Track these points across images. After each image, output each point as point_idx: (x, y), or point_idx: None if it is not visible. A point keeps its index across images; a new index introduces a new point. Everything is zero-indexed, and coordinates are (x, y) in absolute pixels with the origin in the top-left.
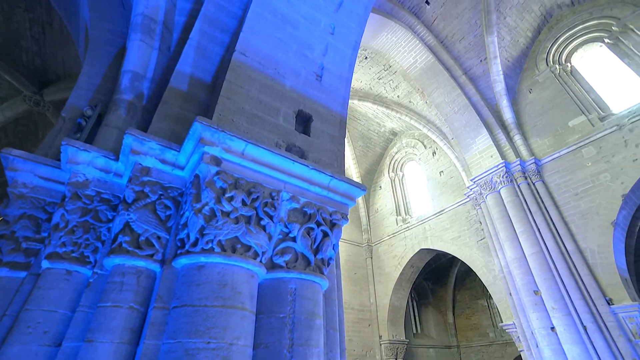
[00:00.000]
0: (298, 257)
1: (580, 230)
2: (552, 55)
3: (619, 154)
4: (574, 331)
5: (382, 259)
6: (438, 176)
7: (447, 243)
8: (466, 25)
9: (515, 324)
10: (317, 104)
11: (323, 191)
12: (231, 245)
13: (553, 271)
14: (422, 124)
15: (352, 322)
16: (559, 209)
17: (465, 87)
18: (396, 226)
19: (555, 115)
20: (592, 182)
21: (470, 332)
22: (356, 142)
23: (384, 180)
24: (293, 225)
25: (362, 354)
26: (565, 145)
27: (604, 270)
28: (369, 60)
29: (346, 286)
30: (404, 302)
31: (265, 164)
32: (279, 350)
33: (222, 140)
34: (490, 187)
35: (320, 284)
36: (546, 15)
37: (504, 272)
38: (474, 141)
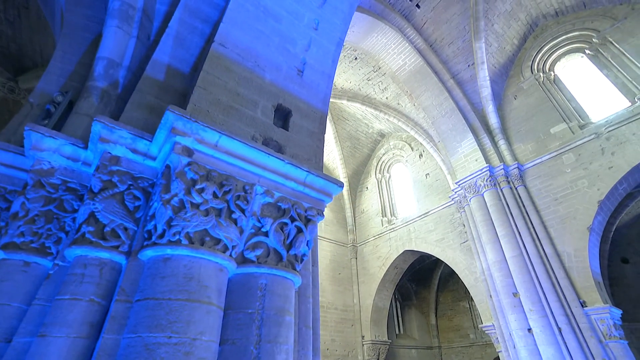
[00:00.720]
0: (270, 252)
1: (559, 235)
2: (537, 63)
3: (596, 162)
4: (549, 332)
5: (367, 260)
6: (424, 178)
7: (431, 245)
8: (455, 30)
9: (495, 326)
10: (297, 99)
11: (299, 186)
12: (200, 238)
13: (532, 274)
14: (409, 126)
15: (335, 322)
16: (539, 213)
17: (453, 91)
18: (381, 227)
19: (538, 121)
20: (571, 188)
21: (452, 333)
22: (344, 143)
23: (371, 182)
24: (266, 219)
25: (344, 354)
26: (547, 151)
27: (579, 273)
28: (359, 61)
29: (330, 286)
30: (387, 302)
31: (240, 157)
32: (246, 346)
33: (195, 131)
34: (474, 191)
35: (293, 280)
36: (532, 24)
37: (485, 274)
38: (460, 145)
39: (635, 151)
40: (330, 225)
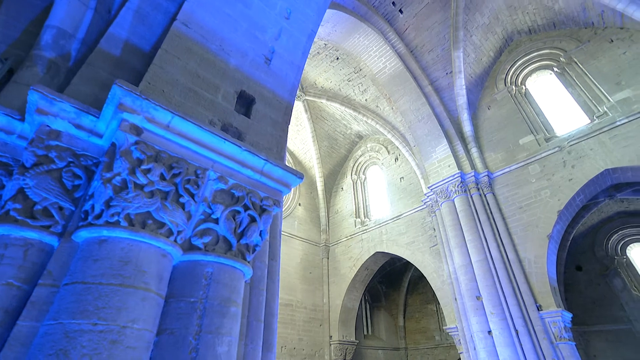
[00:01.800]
0: (219, 240)
1: (522, 241)
2: (510, 76)
3: (558, 173)
4: (507, 335)
5: (339, 260)
6: (398, 182)
7: (401, 247)
8: (436, 38)
9: (458, 328)
10: (262, 87)
11: (255, 175)
12: (141, 221)
13: (495, 278)
14: (387, 129)
15: (304, 321)
16: (505, 220)
17: (430, 97)
18: (354, 228)
19: (509, 132)
20: (535, 197)
21: (418, 335)
22: (322, 142)
23: (346, 182)
24: (217, 206)
25: (311, 353)
26: (515, 161)
27: (537, 278)
28: (340, 62)
29: (300, 285)
30: (356, 303)
31: (193, 140)
32: (185, 336)
33: (145, 109)
34: (445, 196)
35: (242, 270)
36: (507, 38)
37: (452, 277)
38: (434, 150)
39: (592, 165)
40: (304, 224)
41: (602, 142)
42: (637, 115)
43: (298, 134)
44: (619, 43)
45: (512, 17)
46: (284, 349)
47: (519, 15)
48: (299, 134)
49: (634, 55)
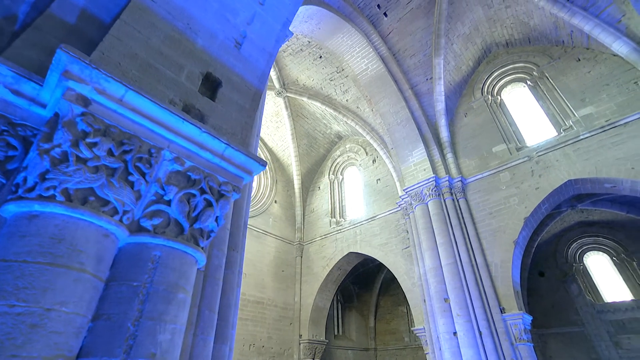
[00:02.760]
0: (170, 222)
1: (490, 246)
2: (487, 86)
3: (526, 182)
4: (471, 336)
5: (312, 259)
6: (375, 183)
7: (374, 248)
8: (418, 44)
9: (425, 329)
10: (230, 71)
11: (215, 158)
12: (82, 197)
13: (463, 281)
14: (366, 130)
15: (274, 319)
16: (475, 225)
17: (410, 101)
18: (329, 228)
19: (483, 140)
20: (504, 204)
21: (388, 336)
22: (301, 140)
23: (324, 182)
24: (171, 187)
25: (280, 352)
26: (488, 168)
27: (502, 282)
28: (323, 60)
29: (272, 283)
30: (328, 303)
31: (149, 117)
32: (122, 322)
33: (95, 79)
34: (419, 199)
35: (194, 256)
36: (486, 50)
37: (422, 279)
38: (411, 154)
39: (557, 176)
40: (279, 222)
41: (566, 154)
42: (598, 130)
43: (277, 130)
44: (584, 62)
45: (492, 29)
46: (253, 347)
47: (497, 28)
48: (278, 131)
49: (597, 75)
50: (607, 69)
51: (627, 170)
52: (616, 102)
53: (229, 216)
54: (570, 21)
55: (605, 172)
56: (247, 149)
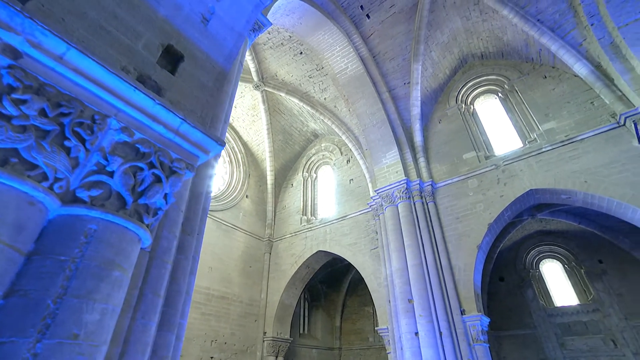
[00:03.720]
0: (112, 195)
1: (455, 250)
2: (461, 95)
3: (492, 189)
4: (432, 336)
5: (281, 256)
6: (348, 183)
7: (343, 248)
8: (398, 48)
9: (388, 329)
10: (194, 46)
11: (169, 133)
12: (2, 158)
13: (427, 283)
14: (342, 130)
15: (238, 315)
16: (442, 229)
17: (387, 104)
18: (300, 225)
19: (455, 146)
20: (470, 209)
21: (353, 336)
22: (276, 136)
23: (297, 179)
24: (115, 158)
25: (243, 349)
26: (457, 174)
27: (464, 285)
28: (304, 57)
29: (239, 278)
30: (294, 300)
31: (95, 81)
32: (41, 299)
33: (29, 31)
34: (390, 201)
35: (137, 233)
36: (462, 60)
37: (388, 280)
38: (385, 155)
39: (520, 185)
40: (249, 217)
41: (530, 164)
42: (558, 144)
43: (253, 124)
44: (550, 80)
45: (468, 40)
46: (214, 343)
47: (474, 40)
48: (254, 125)
49: (560, 93)
50: (569, 88)
51: (581, 183)
52: (575, 119)
53: (183, 198)
54: (539, 40)
55: (563, 184)
56: (206, 128)
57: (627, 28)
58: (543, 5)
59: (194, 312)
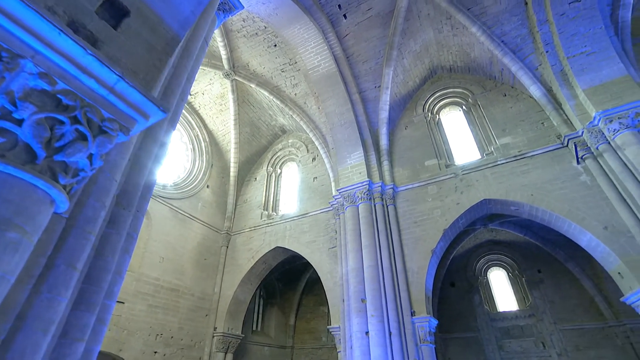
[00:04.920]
0: (18, 146)
1: (410, 253)
2: (428, 104)
3: (449, 197)
4: (381, 335)
5: (238, 250)
6: (311, 181)
7: (302, 245)
8: (372, 52)
9: (340, 328)
10: (145, 5)
11: (102, 89)
12: None
13: (381, 283)
14: (310, 127)
15: (189, 309)
16: (400, 232)
17: (356, 106)
18: (260, 220)
19: (418, 153)
20: (428, 215)
21: (307, 335)
22: (243, 128)
23: (261, 173)
24: (27, 105)
25: (191, 344)
26: (418, 180)
27: (416, 287)
28: (277, 49)
29: (192, 270)
30: (249, 296)
31: (7, 14)
32: None
33: None
34: (351, 201)
35: (49, 193)
36: (432, 70)
37: (343, 279)
38: (350, 156)
39: (475, 195)
40: (209, 208)
41: (485, 176)
42: (511, 159)
43: (221, 113)
44: (509, 98)
45: (439, 52)
46: (160, 337)
47: (444, 52)
48: (221, 114)
49: (517, 111)
50: (525, 108)
51: (528, 196)
52: (527, 136)
53: (119, 167)
54: (502, 60)
55: (512, 196)
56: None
57: (574, 59)
58: (507, 28)
59: (140, 304)
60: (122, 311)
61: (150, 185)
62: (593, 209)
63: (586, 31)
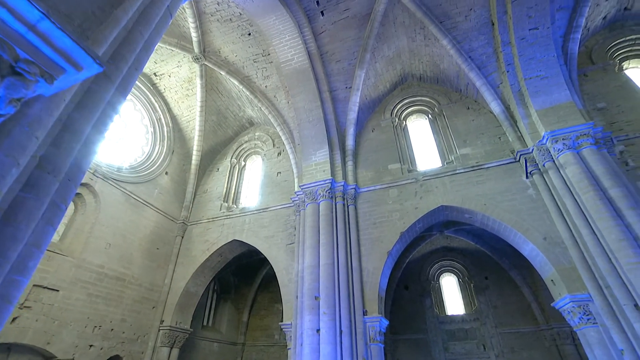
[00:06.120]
0: None
1: (367, 253)
2: (397, 110)
3: (409, 201)
4: (332, 333)
5: (193, 241)
6: (275, 176)
7: (260, 239)
8: (346, 52)
9: (292, 324)
10: None
11: (19, 25)
12: None
13: (335, 282)
14: (278, 122)
15: (134, 300)
16: (358, 232)
17: (326, 104)
18: (219, 211)
19: (383, 156)
20: (387, 217)
21: (259, 332)
22: (210, 116)
23: (224, 164)
24: None
25: (133, 338)
26: (381, 182)
27: (370, 288)
28: (251, 39)
29: (141, 259)
30: (201, 290)
31: None
32: None
33: None
34: (313, 198)
35: None
36: (403, 77)
37: (299, 276)
38: (315, 153)
39: (433, 200)
40: (166, 195)
41: (444, 183)
42: (469, 169)
43: (187, 98)
44: (472, 112)
45: (411, 60)
46: (98, 329)
47: (415, 61)
48: (187, 99)
49: (478, 124)
50: (485, 122)
51: (481, 205)
52: (485, 149)
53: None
54: (468, 74)
55: (467, 204)
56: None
57: (530, 81)
58: (475, 45)
59: (78, 293)
60: (55, 300)
61: (89, 154)
62: (536, 220)
63: (542, 57)
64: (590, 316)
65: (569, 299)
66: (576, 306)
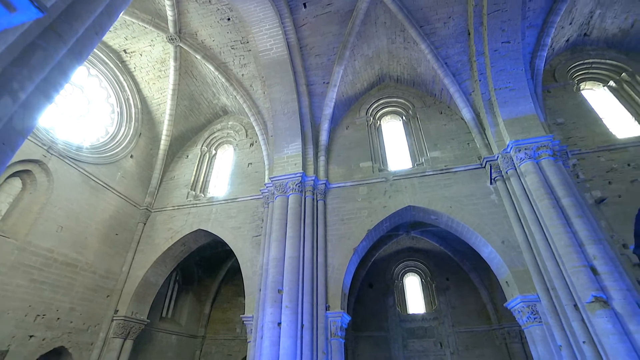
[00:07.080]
0: None
1: (334, 249)
2: (372, 109)
3: (378, 199)
4: (293, 327)
5: (156, 229)
6: (246, 166)
7: (226, 230)
8: (326, 47)
9: (254, 317)
10: None
11: None
12: None
13: (300, 275)
14: (252, 112)
15: (86, 288)
16: (326, 227)
17: (302, 97)
18: (185, 199)
19: (355, 154)
20: (355, 214)
21: (220, 325)
22: (182, 100)
23: (194, 152)
24: None
25: (82, 328)
26: (351, 179)
27: (334, 283)
28: (230, 24)
29: (97, 245)
30: (162, 279)
31: None
32: None
33: None
34: (282, 191)
35: None
36: (381, 77)
37: (263, 269)
38: (288, 146)
39: (401, 200)
40: (129, 180)
41: (413, 184)
42: (438, 171)
43: (158, 80)
44: (444, 116)
45: (389, 62)
46: (41, 318)
47: (394, 63)
48: (159, 81)
49: (449, 130)
50: (456, 127)
51: (447, 207)
52: (455, 154)
53: None
54: (443, 80)
55: (434, 206)
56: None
57: (499, 92)
58: (451, 52)
59: (19, 278)
60: None
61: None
62: (497, 224)
63: (511, 69)
64: (537, 315)
65: (519, 299)
66: (525, 306)
